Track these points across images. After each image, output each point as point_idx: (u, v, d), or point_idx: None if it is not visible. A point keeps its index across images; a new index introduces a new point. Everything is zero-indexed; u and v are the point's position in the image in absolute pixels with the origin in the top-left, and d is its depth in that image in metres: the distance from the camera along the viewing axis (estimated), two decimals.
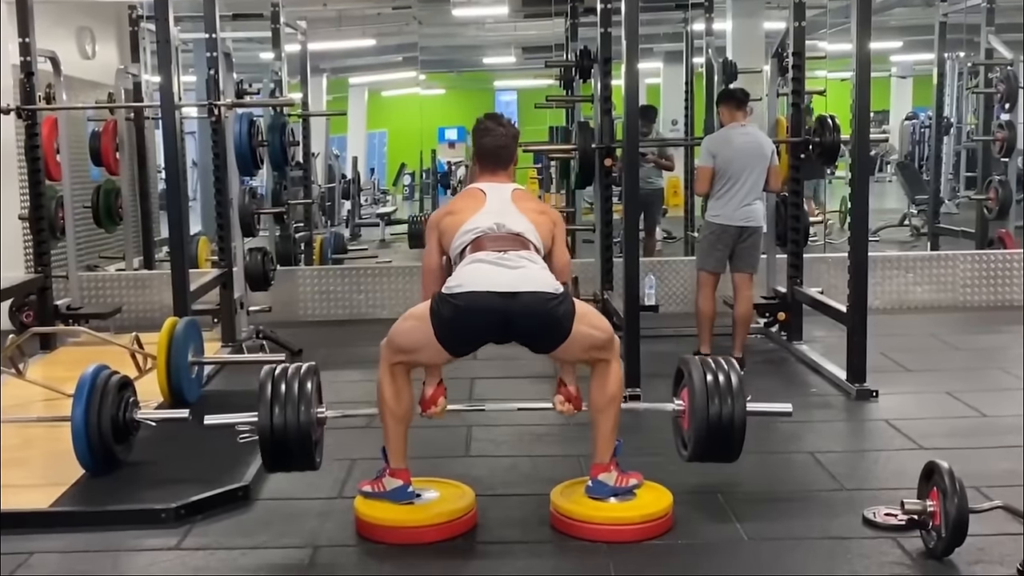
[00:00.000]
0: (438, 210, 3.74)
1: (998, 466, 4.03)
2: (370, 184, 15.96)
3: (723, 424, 3.47)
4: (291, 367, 3.53)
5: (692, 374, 3.56)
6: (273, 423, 3.36)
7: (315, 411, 3.49)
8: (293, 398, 3.40)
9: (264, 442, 3.39)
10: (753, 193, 5.71)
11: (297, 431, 3.38)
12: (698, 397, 3.50)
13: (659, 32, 12.71)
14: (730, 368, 3.57)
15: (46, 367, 5.81)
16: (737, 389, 3.50)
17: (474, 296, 3.27)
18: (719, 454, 3.56)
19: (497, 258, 3.36)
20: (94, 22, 9.02)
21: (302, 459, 3.46)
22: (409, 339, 3.39)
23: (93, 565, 3.34)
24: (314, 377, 3.54)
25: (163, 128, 5.66)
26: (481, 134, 3.73)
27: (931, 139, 10.87)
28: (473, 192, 3.66)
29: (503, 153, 3.72)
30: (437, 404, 3.57)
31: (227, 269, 6.40)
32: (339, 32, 12.33)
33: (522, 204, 3.60)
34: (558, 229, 3.66)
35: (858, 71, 5.12)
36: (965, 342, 6.57)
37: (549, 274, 3.42)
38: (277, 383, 3.43)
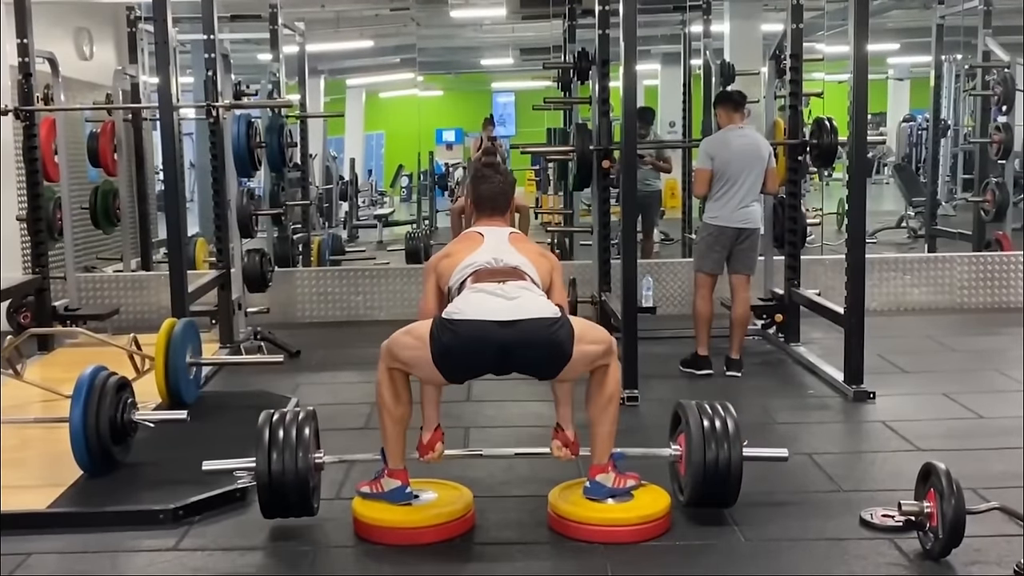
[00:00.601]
0: (436, 254, 3.78)
1: (995, 467, 4.04)
2: (368, 185, 15.95)
3: (720, 470, 3.48)
4: (289, 413, 3.53)
5: (688, 419, 3.57)
6: (271, 470, 3.38)
7: (313, 457, 3.49)
8: (291, 445, 3.41)
9: (262, 489, 3.40)
10: (751, 195, 5.72)
11: (295, 477, 3.39)
12: (695, 442, 3.51)
13: (657, 34, 12.71)
14: (726, 413, 3.59)
15: (44, 368, 5.81)
16: (733, 434, 3.51)
17: (473, 325, 3.28)
18: (716, 499, 3.57)
19: (496, 288, 3.38)
20: (92, 23, 9.02)
21: (300, 506, 3.47)
22: (408, 356, 3.40)
23: (91, 566, 3.34)
24: (312, 423, 3.54)
25: (161, 129, 5.67)
26: (479, 182, 3.83)
27: (928, 141, 10.90)
28: (471, 235, 3.70)
29: (500, 200, 3.79)
30: (435, 450, 3.59)
31: (225, 270, 6.41)
32: (337, 33, 12.34)
33: (520, 245, 3.64)
34: (556, 272, 3.68)
35: (855, 73, 5.13)
36: (962, 344, 6.58)
37: (547, 301, 3.43)
38: (275, 429, 3.44)
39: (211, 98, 6.16)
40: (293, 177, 9.03)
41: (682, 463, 3.64)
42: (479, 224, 3.77)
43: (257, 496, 3.47)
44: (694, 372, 5.71)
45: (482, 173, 3.86)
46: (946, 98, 11.55)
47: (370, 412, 4.93)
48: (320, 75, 14.66)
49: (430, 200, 13.77)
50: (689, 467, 3.55)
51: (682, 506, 3.61)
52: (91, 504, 3.71)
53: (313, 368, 6.14)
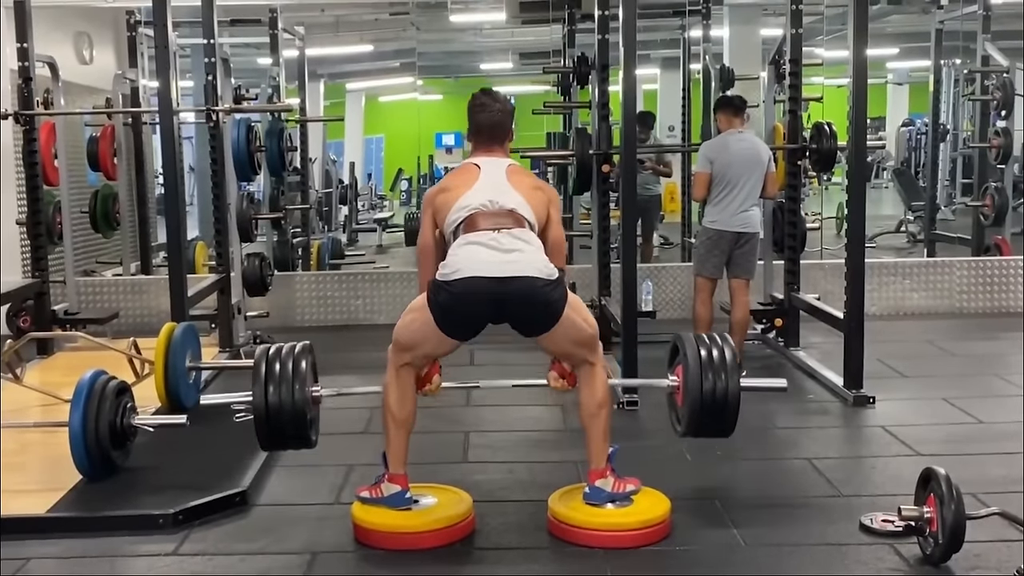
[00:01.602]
0: (432, 188, 3.74)
1: (995, 472, 4.04)
2: (367, 189, 15.95)
3: (717, 400, 3.48)
4: (285, 346, 3.52)
5: (686, 350, 3.57)
6: (268, 402, 3.36)
7: (310, 390, 3.48)
8: (288, 377, 3.40)
9: (259, 421, 3.39)
10: (750, 199, 5.73)
11: (292, 410, 3.38)
12: (692, 373, 3.51)
13: (656, 39, 12.70)
14: (724, 343, 3.58)
15: (43, 372, 5.80)
16: (731, 364, 3.50)
17: (468, 282, 3.29)
18: (713, 429, 3.56)
19: (491, 239, 3.35)
20: (92, 27, 9.02)
21: (297, 438, 3.45)
22: (412, 331, 3.40)
23: (90, 571, 3.33)
24: (309, 356, 3.53)
25: (161, 133, 5.67)
26: (476, 110, 3.71)
27: (927, 146, 10.91)
28: (467, 168, 3.63)
29: (498, 129, 3.69)
30: (432, 382, 3.59)
31: (225, 274, 6.40)
32: (337, 38, 12.33)
33: (517, 179, 3.57)
34: (553, 206, 3.62)
35: (855, 78, 5.13)
36: (962, 348, 6.58)
37: (543, 257, 3.40)
38: (272, 362, 3.43)
39: (211, 102, 6.16)
40: (293, 181, 9.03)
41: (680, 394, 3.63)
42: (476, 155, 3.69)
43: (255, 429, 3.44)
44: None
45: (479, 101, 3.72)
46: (945, 103, 11.56)
47: (370, 416, 4.94)
48: (320, 79, 14.66)
49: None
50: (687, 398, 3.54)
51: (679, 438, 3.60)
52: (90, 509, 3.70)
53: None
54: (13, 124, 6.32)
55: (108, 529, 3.56)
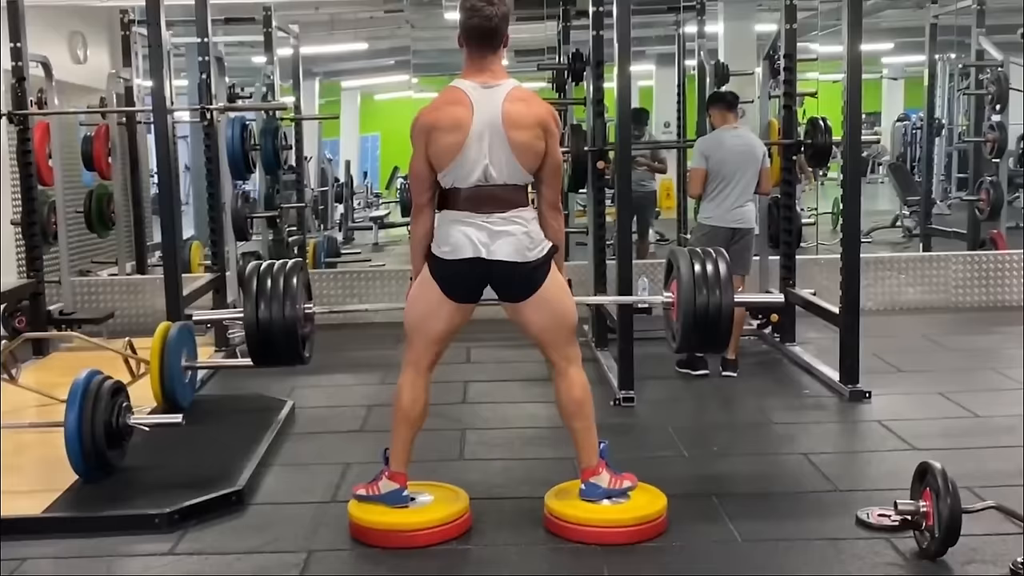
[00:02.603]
0: (424, 116, 3.39)
1: (991, 466, 4.04)
2: (363, 188, 15.95)
3: (710, 314, 3.48)
4: (277, 263, 3.52)
5: (680, 265, 3.57)
6: (259, 318, 3.34)
7: (302, 306, 3.47)
8: (279, 293, 3.38)
9: (250, 336, 3.38)
10: (745, 195, 5.73)
11: (283, 325, 3.36)
12: (685, 288, 3.51)
13: (651, 35, 12.72)
14: (719, 258, 3.58)
15: (39, 373, 5.79)
16: (725, 279, 3.51)
17: (457, 264, 3.36)
18: (706, 344, 3.58)
19: (483, 221, 3.35)
20: (86, 27, 9.01)
21: (288, 353, 3.44)
22: (420, 309, 3.43)
23: (86, 571, 3.33)
24: (300, 273, 3.52)
25: (155, 132, 5.66)
26: (467, 14, 3.35)
27: (923, 140, 10.90)
28: (460, 99, 3.34)
29: (493, 37, 3.37)
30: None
31: (220, 273, 6.40)
32: (331, 36, 12.33)
33: (512, 121, 3.30)
34: (550, 135, 3.36)
35: (849, 73, 5.13)
36: (957, 343, 6.58)
37: (530, 237, 3.37)
38: (263, 278, 3.42)
39: (205, 101, 6.15)
40: (288, 180, 9.02)
41: (674, 309, 3.62)
42: (469, 75, 3.38)
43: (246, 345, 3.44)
44: (690, 372, 5.70)
45: (470, 4, 3.34)
46: (940, 97, 11.58)
47: (366, 415, 4.94)
48: (315, 77, 14.65)
49: None
50: (680, 312, 3.54)
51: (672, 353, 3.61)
52: (86, 509, 3.70)
53: (308, 371, 6.09)
54: (7, 124, 6.31)
55: (104, 529, 3.56)
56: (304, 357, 3.50)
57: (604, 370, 5.64)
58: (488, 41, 3.39)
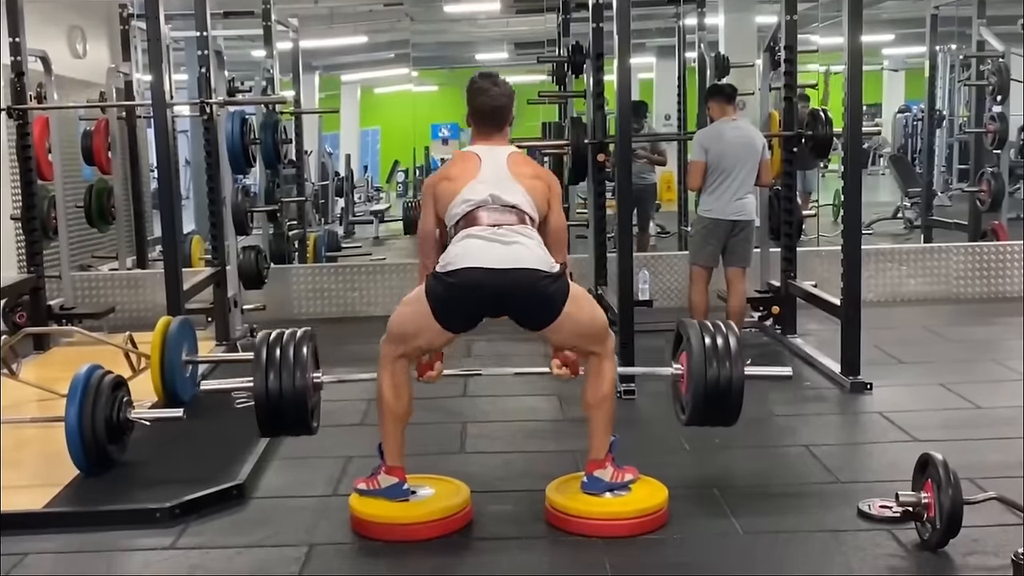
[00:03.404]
0: (433, 175, 3.68)
1: (992, 457, 4.04)
2: (363, 181, 15.92)
3: (721, 388, 3.45)
4: (287, 332, 3.52)
5: (690, 337, 3.55)
6: (268, 388, 3.35)
7: (311, 376, 3.48)
8: (289, 363, 3.39)
9: (259, 407, 3.38)
10: (745, 187, 5.72)
11: (292, 396, 3.37)
12: (696, 360, 3.48)
13: (651, 27, 12.68)
14: (728, 331, 3.55)
15: (40, 367, 5.79)
16: (735, 352, 3.48)
17: (466, 272, 3.28)
18: (717, 418, 3.54)
19: (491, 233, 3.34)
20: (85, 21, 9.00)
21: (297, 424, 3.44)
22: (407, 323, 3.39)
23: (88, 566, 3.33)
24: (310, 342, 3.52)
25: (155, 127, 5.66)
26: (475, 94, 3.61)
27: (924, 132, 10.88)
28: (468, 156, 3.58)
29: (498, 114, 3.61)
30: (434, 368, 3.59)
31: (220, 268, 6.39)
32: (331, 29, 12.31)
33: (517, 170, 3.51)
34: (553, 194, 3.57)
35: (850, 64, 5.12)
36: (959, 334, 6.58)
37: (543, 251, 3.39)
38: (272, 348, 3.42)
39: (205, 95, 6.14)
40: (288, 174, 9.01)
41: (684, 381, 3.61)
42: (476, 142, 3.63)
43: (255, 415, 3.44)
44: None
45: (478, 85, 3.61)
46: (941, 88, 11.56)
47: (367, 408, 4.94)
48: (314, 71, 14.61)
49: None
50: (690, 385, 3.51)
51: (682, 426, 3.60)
52: (87, 503, 3.70)
53: None
54: (6, 119, 6.30)
55: (105, 524, 3.56)
56: (313, 428, 3.51)
57: None
58: (494, 119, 3.63)
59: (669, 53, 11.60)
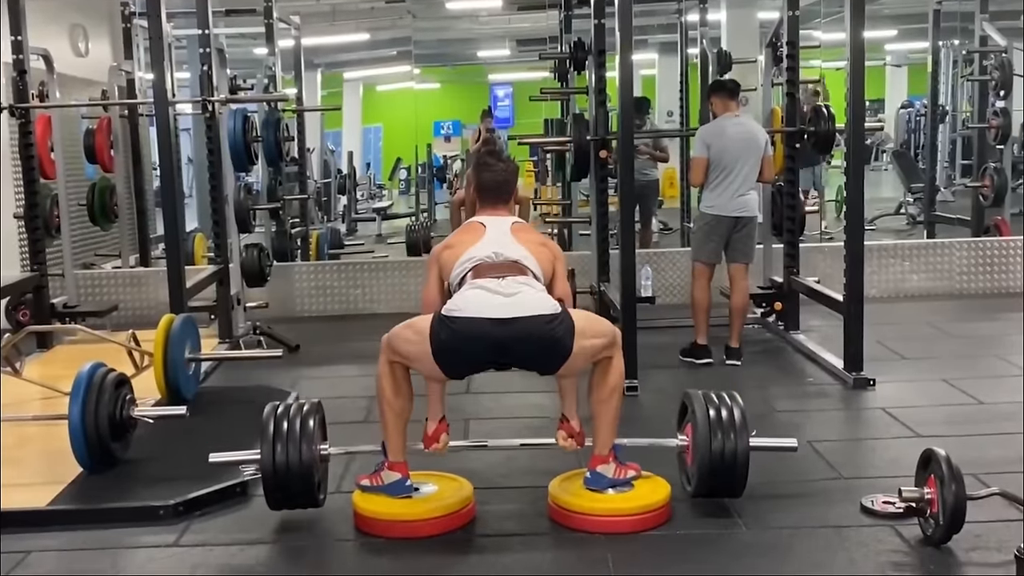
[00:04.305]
0: (439, 245, 3.79)
1: (995, 453, 4.04)
2: (366, 179, 15.92)
3: (726, 460, 3.47)
4: (294, 405, 3.53)
5: (695, 409, 3.56)
6: (276, 462, 3.37)
7: (317, 448, 3.49)
8: (295, 436, 3.40)
9: (267, 481, 3.40)
10: (747, 183, 5.71)
11: (300, 469, 3.39)
12: (701, 433, 3.50)
13: (653, 23, 12.67)
14: (733, 403, 3.58)
15: (43, 366, 5.81)
16: (740, 424, 3.50)
17: (470, 322, 3.28)
18: (723, 489, 3.56)
19: (496, 285, 3.37)
20: (87, 19, 8.99)
21: (305, 497, 3.47)
22: (408, 350, 3.40)
23: (91, 563, 3.34)
24: (316, 415, 3.54)
25: (157, 125, 5.65)
26: (481, 169, 3.80)
27: (926, 127, 10.87)
28: (473, 226, 3.68)
29: (503, 188, 3.77)
30: (439, 441, 3.59)
31: (223, 265, 6.40)
32: (333, 27, 12.31)
33: (522, 236, 3.62)
34: (558, 262, 3.68)
35: (852, 60, 5.11)
36: (961, 330, 6.58)
37: (546, 296, 3.42)
38: (280, 421, 3.44)
39: (207, 93, 6.14)
40: (291, 171, 9.01)
41: (689, 453, 3.63)
42: (482, 213, 3.74)
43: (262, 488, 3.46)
44: (694, 361, 5.70)
45: (484, 161, 3.83)
46: (944, 84, 11.52)
47: (370, 405, 4.93)
48: (316, 69, 14.61)
49: (428, 193, 13.75)
50: (696, 457, 3.53)
51: (689, 497, 3.60)
52: (91, 501, 3.71)
53: (312, 362, 6.14)
54: (8, 117, 6.31)
55: (108, 521, 3.57)
56: (320, 501, 3.53)
57: None
58: (499, 193, 3.77)
59: (671, 49, 11.59)
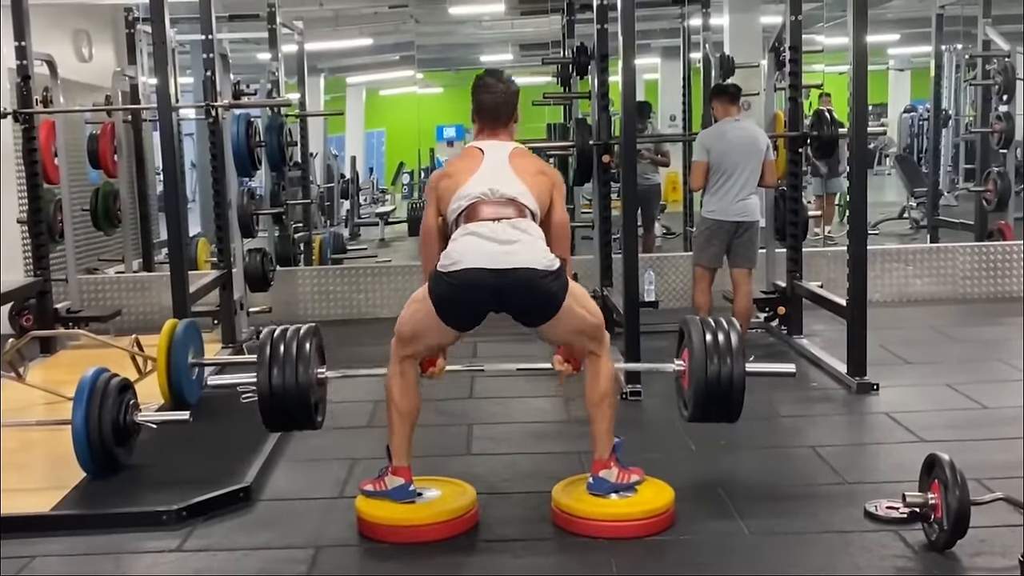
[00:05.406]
0: (437, 172, 3.71)
1: (999, 458, 4.03)
2: (369, 183, 15.93)
3: (722, 384, 3.47)
4: (291, 328, 3.53)
5: (692, 334, 3.56)
6: (272, 384, 3.37)
7: (314, 371, 3.49)
8: (292, 359, 3.41)
9: (263, 402, 3.41)
10: (748, 187, 5.70)
11: (296, 391, 3.39)
12: (697, 357, 3.50)
13: (656, 28, 12.68)
14: (730, 328, 3.57)
15: (46, 371, 5.81)
16: (737, 349, 3.50)
17: (467, 273, 3.30)
18: (718, 414, 3.55)
19: (491, 230, 3.35)
20: (90, 25, 9.01)
21: (301, 419, 3.47)
22: (414, 322, 3.41)
23: (95, 568, 3.34)
24: (314, 338, 3.54)
25: (160, 130, 5.65)
26: (480, 91, 3.65)
27: (929, 131, 10.87)
28: (471, 152, 3.59)
29: (502, 110, 3.64)
30: (436, 365, 3.60)
31: (226, 270, 6.40)
32: (336, 32, 12.32)
33: (519, 164, 3.53)
34: (556, 190, 3.58)
35: (855, 64, 5.11)
36: (965, 334, 6.57)
37: (543, 248, 3.39)
38: (276, 344, 3.44)
39: (210, 98, 6.15)
40: (294, 176, 9.02)
41: (685, 377, 3.62)
42: (480, 138, 3.65)
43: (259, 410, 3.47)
44: None
45: (483, 82, 3.66)
46: (947, 88, 11.54)
47: (373, 410, 4.94)
48: (319, 73, 14.63)
49: None
50: (692, 382, 3.53)
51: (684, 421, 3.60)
52: (94, 506, 3.71)
53: None
54: (12, 123, 6.31)
55: (112, 526, 3.57)
56: (317, 423, 3.53)
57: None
58: (498, 117, 3.65)
59: (674, 54, 11.61)
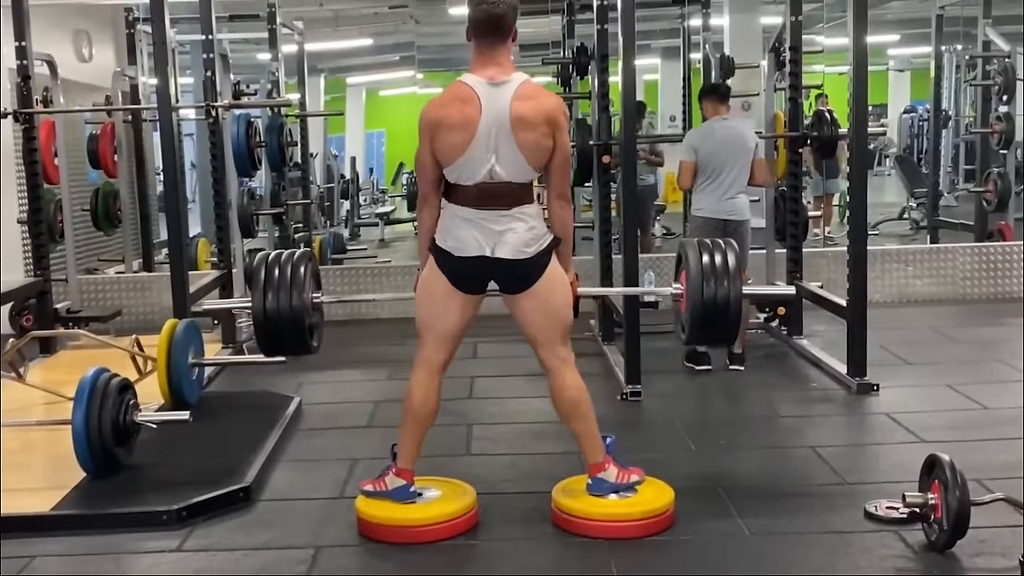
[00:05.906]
0: (431, 104, 3.43)
1: (999, 458, 4.03)
2: (369, 184, 15.95)
3: (719, 306, 3.47)
4: (285, 253, 3.55)
5: (688, 257, 3.57)
6: (267, 308, 3.39)
7: (309, 296, 3.49)
8: (286, 283, 3.42)
9: (259, 327, 3.42)
10: (736, 186, 5.69)
11: (291, 315, 3.40)
12: (694, 280, 3.51)
13: (656, 28, 12.69)
14: (728, 249, 3.57)
15: (46, 371, 5.81)
16: (733, 271, 3.50)
17: (460, 260, 3.36)
18: (716, 336, 3.55)
19: (483, 218, 3.34)
20: (90, 25, 9.01)
21: (296, 343, 3.48)
22: (433, 302, 3.42)
23: (95, 568, 3.33)
24: (309, 263, 3.55)
25: (160, 130, 5.65)
26: (475, 5, 3.35)
27: (929, 132, 10.88)
28: (467, 95, 3.32)
29: (502, 23, 3.35)
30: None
31: (226, 270, 6.41)
32: (336, 32, 12.32)
33: (521, 119, 3.28)
34: (559, 131, 3.35)
35: (855, 65, 5.12)
36: (965, 335, 6.57)
37: (531, 236, 3.36)
38: (271, 268, 3.45)
39: (210, 98, 6.15)
40: (294, 176, 9.02)
41: (683, 300, 3.63)
42: (476, 68, 3.38)
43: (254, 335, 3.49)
44: (697, 367, 5.69)
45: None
46: (947, 89, 11.55)
47: (373, 410, 4.95)
48: (320, 74, 14.66)
49: None
50: (689, 304, 3.54)
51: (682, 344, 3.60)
52: (94, 506, 3.70)
53: (315, 367, 6.10)
54: (12, 123, 6.31)
55: (112, 526, 3.56)
56: (312, 347, 3.52)
57: (611, 364, 5.63)
58: (496, 33, 3.38)
59: (674, 54, 11.63)
